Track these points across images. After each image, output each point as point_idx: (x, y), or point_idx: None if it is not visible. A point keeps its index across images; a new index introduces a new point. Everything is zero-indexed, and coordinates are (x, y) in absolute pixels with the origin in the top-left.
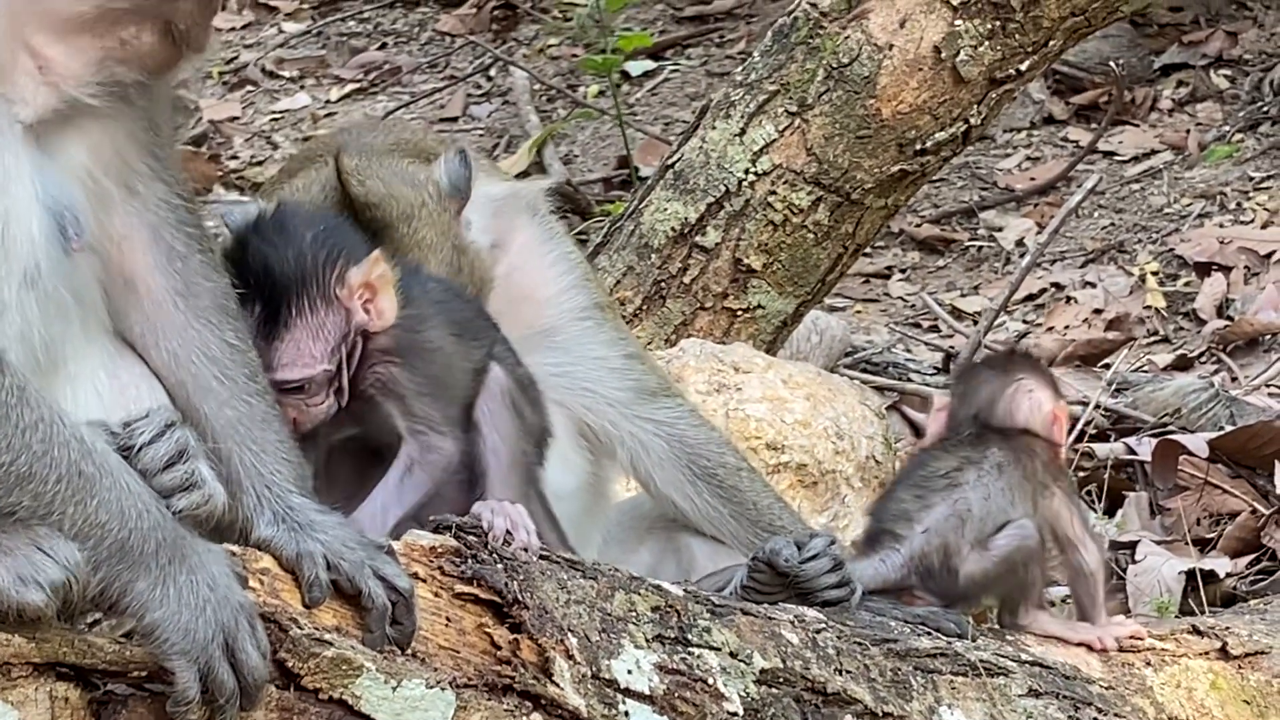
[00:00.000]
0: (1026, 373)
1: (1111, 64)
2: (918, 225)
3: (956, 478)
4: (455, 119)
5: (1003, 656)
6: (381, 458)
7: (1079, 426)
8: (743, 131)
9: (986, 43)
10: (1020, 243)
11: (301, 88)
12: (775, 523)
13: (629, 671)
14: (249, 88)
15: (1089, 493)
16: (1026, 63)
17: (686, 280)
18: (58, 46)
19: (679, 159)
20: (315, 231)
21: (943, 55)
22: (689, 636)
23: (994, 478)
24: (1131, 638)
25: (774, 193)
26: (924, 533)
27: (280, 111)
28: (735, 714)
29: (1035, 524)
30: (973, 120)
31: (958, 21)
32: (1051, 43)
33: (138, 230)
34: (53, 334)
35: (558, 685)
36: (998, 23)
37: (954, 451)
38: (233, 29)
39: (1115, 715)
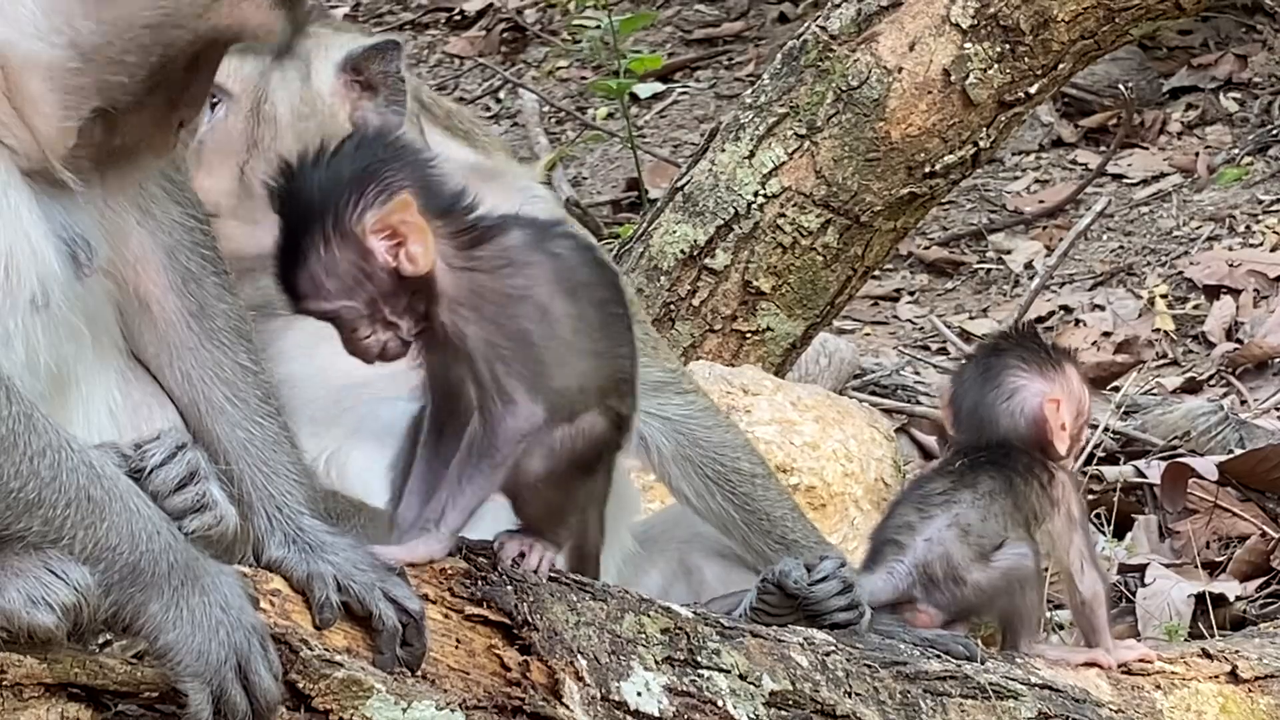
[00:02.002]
0: (1011, 367)
1: (1120, 87)
2: (926, 248)
3: (953, 495)
4: None
5: (1012, 679)
6: None
7: (1088, 449)
8: (752, 154)
9: (996, 66)
10: (1029, 265)
11: None
12: (788, 535)
13: (639, 694)
14: None
15: (1098, 515)
16: (1036, 86)
17: (695, 303)
18: (44, 124)
19: (688, 181)
20: (355, 165)
21: (952, 78)
22: (699, 659)
23: (987, 503)
24: (1141, 661)
25: (783, 215)
26: (926, 540)
27: None
28: None
29: (1031, 549)
30: (982, 143)
31: (967, 45)
32: (1061, 66)
33: (153, 253)
34: (63, 356)
35: (567, 707)
36: (1007, 46)
37: (947, 477)
38: None
39: None
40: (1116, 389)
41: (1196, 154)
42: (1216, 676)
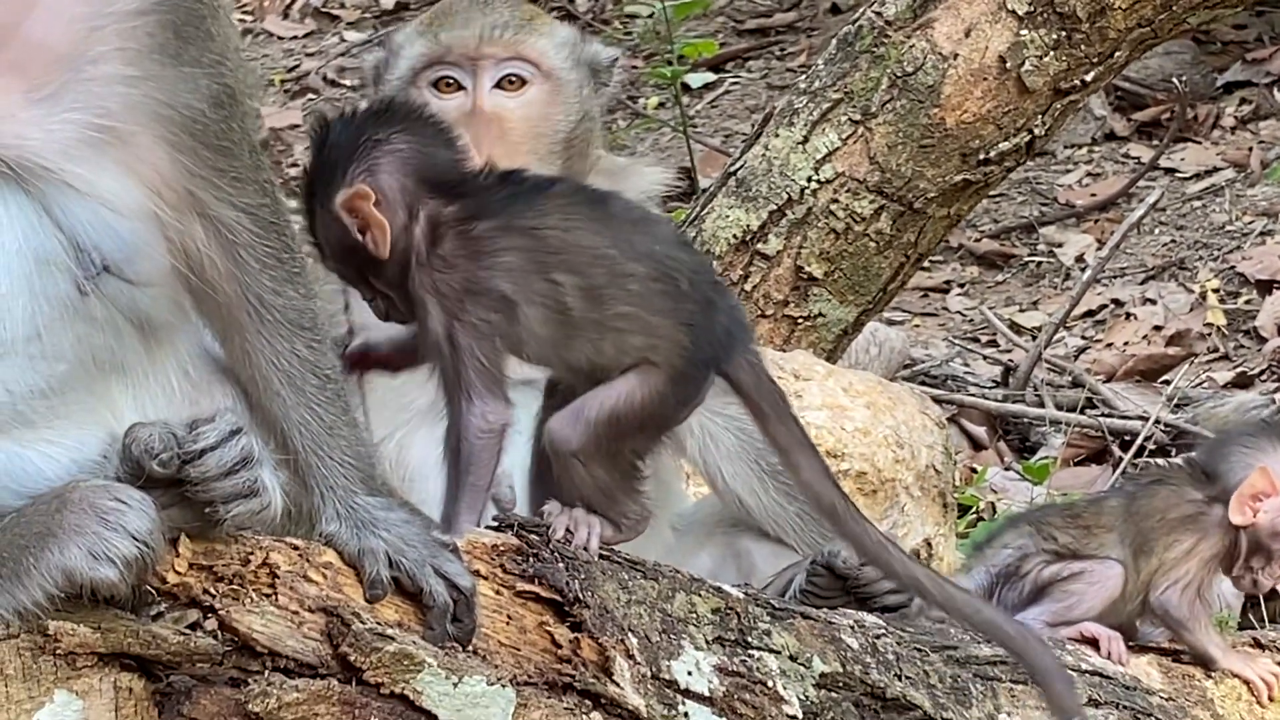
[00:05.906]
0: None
1: (1174, 81)
2: (977, 240)
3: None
4: None
5: (1063, 666)
6: None
7: (1138, 441)
8: (806, 139)
9: (1052, 53)
10: (1080, 259)
11: (363, 96)
12: None
13: (689, 673)
14: (310, 96)
15: None
16: (1091, 74)
17: (747, 288)
18: None
19: (741, 166)
20: (349, 138)
21: (1008, 65)
22: (749, 639)
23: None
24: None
25: (836, 201)
26: (1004, 548)
27: None
28: (794, 717)
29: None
30: (1037, 131)
31: (1023, 31)
32: (1117, 54)
33: (210, 250)
34: (95, 347)
35: (618, 685)
36: (1063, 33)
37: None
38: (295, 37)
39: None
40: (1167, 382)
41: (1250, 149)
42: None
